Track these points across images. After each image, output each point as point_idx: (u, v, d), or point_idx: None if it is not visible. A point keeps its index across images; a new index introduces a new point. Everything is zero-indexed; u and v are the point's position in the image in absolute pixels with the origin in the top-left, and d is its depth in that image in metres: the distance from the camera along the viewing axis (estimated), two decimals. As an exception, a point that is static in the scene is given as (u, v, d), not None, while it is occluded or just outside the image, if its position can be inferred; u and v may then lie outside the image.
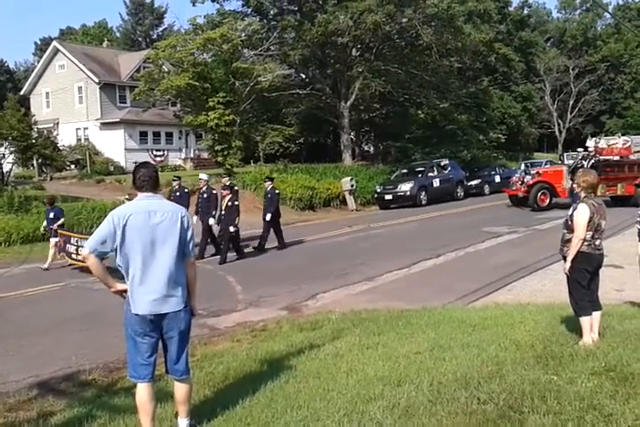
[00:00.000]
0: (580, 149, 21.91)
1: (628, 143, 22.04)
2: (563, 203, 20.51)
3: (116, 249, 3.94)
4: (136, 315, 3.93)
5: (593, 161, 20.07)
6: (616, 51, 58.59)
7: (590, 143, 21.67)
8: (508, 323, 6.57)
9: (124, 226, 3.90)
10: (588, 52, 60.52)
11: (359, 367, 5.28)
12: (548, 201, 20.53)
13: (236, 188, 14.84)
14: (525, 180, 20.75)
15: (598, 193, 22.39)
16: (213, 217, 13.27)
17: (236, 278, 10.92)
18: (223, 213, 13.02)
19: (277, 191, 14.87)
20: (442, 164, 26.52)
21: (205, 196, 13.55)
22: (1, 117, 24.88)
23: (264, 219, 14.23)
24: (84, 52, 38.80)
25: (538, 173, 20.99)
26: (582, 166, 20.04)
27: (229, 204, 12.86)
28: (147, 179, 4.07)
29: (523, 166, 23.89)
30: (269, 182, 14.74)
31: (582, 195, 5.71)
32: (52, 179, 30.13)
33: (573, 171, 20.20)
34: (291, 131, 37.31)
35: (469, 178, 28.27)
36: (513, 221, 18.01)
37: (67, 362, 6.54)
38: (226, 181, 13.84)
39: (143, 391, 4.00)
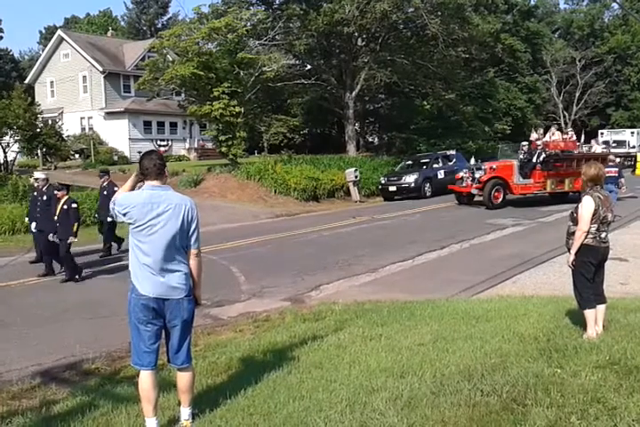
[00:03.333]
0: (524, 143, 21.00)
1: (573, 137, 21.09)
2: (512, 199, 19.97)
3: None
4: (140, 302, 3.95)
5: (544, 155, 19.20)
6: (623, 42, 58.11)
7: (534, 136, 20.78)
8: (511, 315, 6.55)
9: (130, 217, 3.95)
10: (595, 43, 60.08)
11: (362, 359, 5.28)
12: (501, 198, 19.47)
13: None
14: (477, 175, 19.44)
15: (548, 190, 21.33)
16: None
17: (240, 269, 10.92)
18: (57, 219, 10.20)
19: (116, 188, 11.19)
20: (448, 154, 26.39)
21: (45, 198, 10.93)
22: (7, 106, 24.85)
23: (102, 222, 12.00)
24: (89, 41, 38.71)
25: (492, 167, 19.67)
26: (529, 160, 19.52)
27: (65, 207, 10.15)
28: (156, 166, 4.08)
29: (472, 161, 22.12)
30: (106, 177, 11.98)
31: (587, 188, 5.70)
32: (56, 168, 30.12)
33: (522, 166, 19.57)
34: (295, 121, 37.20)
35: (474, 170, 28.14)
36: (518, 213, 17.97)
37: (70, 351, 6.56)
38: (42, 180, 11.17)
39: (146, 379, 4.02)
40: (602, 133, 42.80)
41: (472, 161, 22.00)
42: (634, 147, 38.22)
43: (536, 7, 61.57)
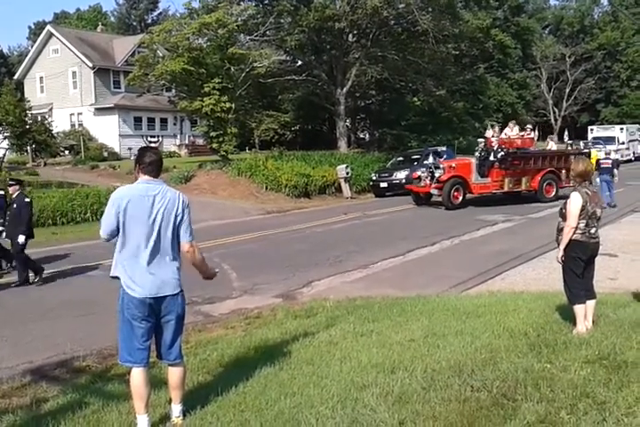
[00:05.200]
0: (480, 140, 20.23)
1: (532, 133, 20.58)
2: (470, 198, 19.24)
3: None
4: (136, 298, 3.93)
5: (501, 153, 18.55)
6: (612, 39, 58.46)
7: (489, 133, 20.06)
8: (501, 311, 6.58)
9: (125, 209, 3.93)
10: (585, 39, 60.43)
11: (353, 355, 5.29)
12: (461, 198, 18.71)
13: None
14: (437, 175, 18.52)
15: (505, 189, 18.89)
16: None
17: (231, 265, 10.90)
18: None
19: (29, 200, 10.30)
20: (438, 150, 26.35)
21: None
22: (-3, 103, 24.73)
23: (15, 242, 9.89)
24: (79, 37, 38.44)
25: (451, 166, 18.74)
26: (486, 158, 18.88)
27: None
28: (158, 164, 4.13)
29: (430, 159, 20.80)
30: (16, 186, 10.21)
31: (575, 184, 5.72)
32: (45, 164, 29.97)
33: (480, 164, 18.87)
34: (286, 117, 37.16)
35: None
36: (508, 209, 18.02)
37: (61, 348, 6.54)
38: None
39: (139, 376, 4.00)
40: (591, 130, 43.00)
41: (430, 159, 21.02)
42: (623, 143, 38.39)
43: (526, 2, 61.77)
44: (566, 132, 21.83)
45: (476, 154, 19.43)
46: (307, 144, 37.64)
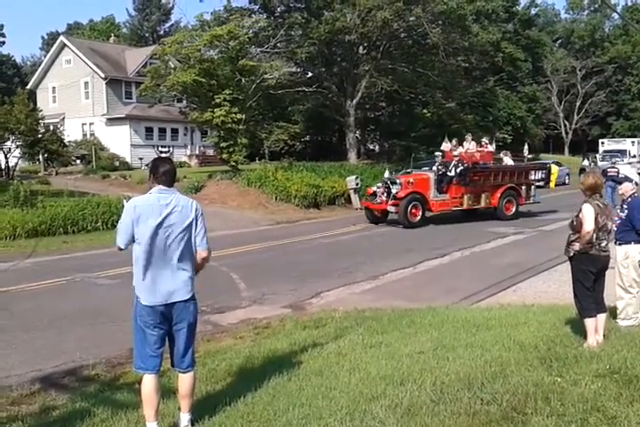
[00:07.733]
0: (437, 153, 19.23)
1: (488, 147, 19.78)
2: (430, 216, 18.39)
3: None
4: (147, 306, 3.99)
5: (461, 168, 17.89)
6: (624, 52, 58.47)
7: (446, 146, 19.26)
8: (512, 324, 6.55)
9: (138, 218, 3.99)
10: (596, 53, 60.44)
11: (362, 366, 5.27)
12: (420, 215, 17.56)
13: None
14: (394, 191, 17.49)
15: (465, 206, 18.41)
16: None
17: (240, 275, 10.92)
18: None
19: None
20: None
21: None
22: (9, 112, 24.90)
23: None
24: (91, 48, 38.81)
25: (409, 182, 17.61)
26: (444, 174, 18.13)
27: None
28: (172, 174, 4.20)
29: (387, 174, 19.74)
30: None
31: (586, 197, 5.71)
32: (57, 174, 30.16)
33: (441, 179, 18.13)
34: (296, 128, 37.24)
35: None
36: (518, 221, 17.98)
37: (70, 356, 6.56)
38: None
39: (150, 383, 4.04)
40: (602, 143, 42.90)
41: (386, 174, 20.14)
42: (634, 156, 38.27)
43: (537, 16, 61.91)
44: (526, 146, 20.89)
45: (434, 168, 18.45)
46: (316, 155, 37.68)
